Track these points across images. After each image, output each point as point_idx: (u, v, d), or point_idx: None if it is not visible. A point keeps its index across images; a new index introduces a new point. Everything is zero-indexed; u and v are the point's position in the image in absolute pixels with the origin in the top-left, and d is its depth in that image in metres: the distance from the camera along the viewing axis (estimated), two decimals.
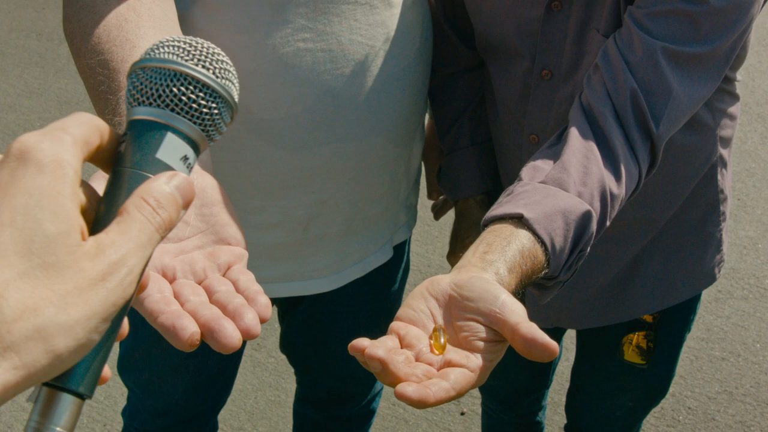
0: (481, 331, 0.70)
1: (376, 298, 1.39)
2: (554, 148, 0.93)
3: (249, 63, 1.02)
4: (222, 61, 0.47)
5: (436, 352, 0.69)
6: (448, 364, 0.68)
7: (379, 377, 0.66)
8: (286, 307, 1.43)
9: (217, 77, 0.47)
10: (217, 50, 0.48)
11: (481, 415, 1.80)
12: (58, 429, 0.39)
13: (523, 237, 0.80)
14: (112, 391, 2.31)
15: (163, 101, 0.45)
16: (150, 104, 0.45)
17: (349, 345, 0.67)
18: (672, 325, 1.35)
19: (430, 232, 2.97)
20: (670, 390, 1.47)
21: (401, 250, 1.39)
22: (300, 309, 1.40)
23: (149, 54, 0.46)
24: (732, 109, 1.20)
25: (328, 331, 1.42)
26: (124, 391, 1.87)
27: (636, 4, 0.97)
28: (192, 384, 1.38)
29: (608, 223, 0.90)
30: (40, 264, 0.36)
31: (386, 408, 2.26)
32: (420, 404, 0.63)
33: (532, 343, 0.66)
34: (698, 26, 0.94)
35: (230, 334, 0.55)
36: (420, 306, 0.73)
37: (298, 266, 1.21)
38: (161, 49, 0.46)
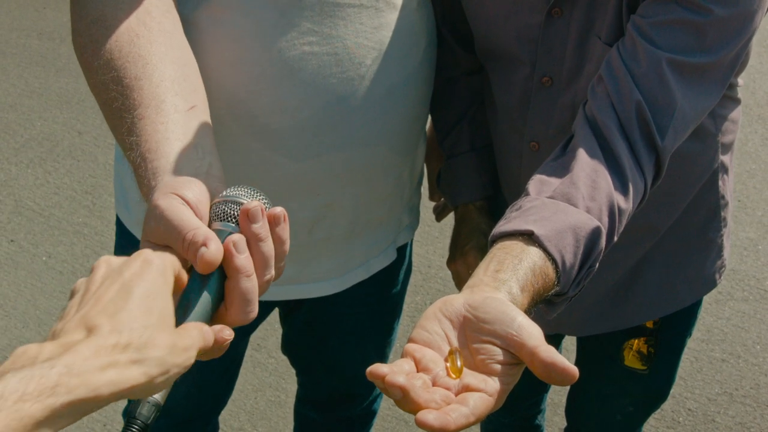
0: (498, 354, 0.69)
1: (378, 300, 1.39)
2: (560, 161, 0.92)
3: (254, 67, 1.02)
4: (268, 203, 0.74)
5: (453, 376, 0.68)
6: (466, 388, 0.67)
7: (398, 404, 0.66)
8: (288, 308, 1.43)
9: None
10: (265, 196, 0.75)
11: None
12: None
13: (534, 254, 0.79)
14: None
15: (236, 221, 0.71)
16: (230, 222, 0.71)
17: (368, 371, 0.67)
18: (673, 331, 1.35)
19: (431, 233, 2.97)
20: (670, 391, 1.47)
21: (403, 252, 1.38)
22: (302, 310, 1.39)
23: (231, 192, 0.73)
24: (733, 114, 1.20)
25: (330, 333, 1.42)
26: None
27: (639, 14, 0.96)
28: (194, 385, 1.38)
29: (616, 238, 0.89)
30: (158, 324, 0.61)
31: (386, 408, 2.26)
32: (441, 431, 0.63)
33: (552, 367, 0.66)
34: (703, 36, 0.92)
35: None
36: (434, 327, 0.72)
37: (301, 269, 1.21)
38: (240, 191, 0.73)
